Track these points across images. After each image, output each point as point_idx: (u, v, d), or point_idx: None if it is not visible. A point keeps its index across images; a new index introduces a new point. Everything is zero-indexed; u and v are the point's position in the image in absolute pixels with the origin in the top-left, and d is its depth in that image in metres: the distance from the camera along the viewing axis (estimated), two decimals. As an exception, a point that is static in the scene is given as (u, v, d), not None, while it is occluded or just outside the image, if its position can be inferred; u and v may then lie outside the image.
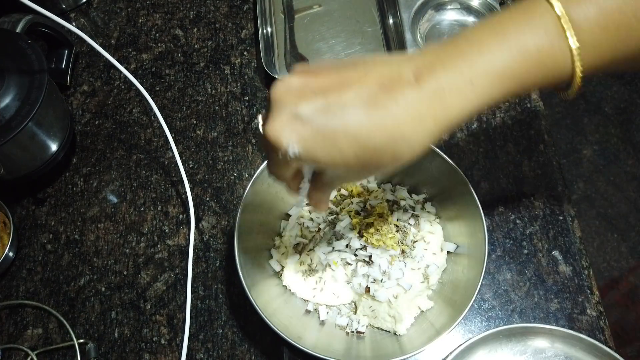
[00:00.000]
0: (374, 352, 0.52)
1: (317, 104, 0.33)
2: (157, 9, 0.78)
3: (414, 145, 0.34)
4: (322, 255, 0.56)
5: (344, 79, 0.34)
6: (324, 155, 0.34)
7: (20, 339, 0.58)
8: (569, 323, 0.56)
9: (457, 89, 0.33)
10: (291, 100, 0.34)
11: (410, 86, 0.33)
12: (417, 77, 0.33)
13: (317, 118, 0.33)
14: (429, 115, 0.33)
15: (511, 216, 0.61)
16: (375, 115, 0.33)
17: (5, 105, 0.55)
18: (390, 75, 0.34)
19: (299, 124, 0.34)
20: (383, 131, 0.33)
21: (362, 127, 0.33)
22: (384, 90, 0.33)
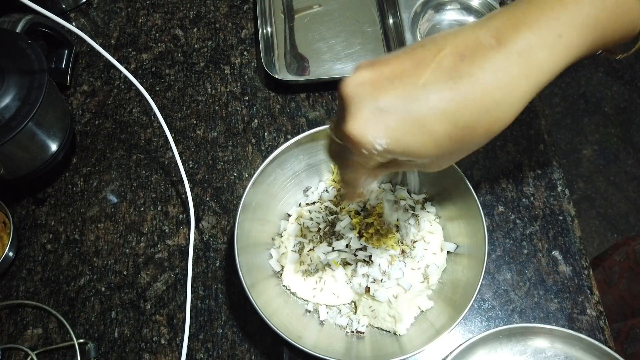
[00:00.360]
0: (374, 352, 0.52)
1: (397, 91, 0.32)
2: (157, 9, 0.78)
3: (509, 111, 0.32)
4: (322, 255, 0.56)
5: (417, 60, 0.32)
6: (415, 143, 0.32)
7: (20, 339, 0.58)
8: (569, 323, 0.56)
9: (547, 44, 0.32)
10: (368, 93, 0.32)
11: (493, 50, 0.31)
12: (499, 39, 0.32)
13: (400, 106, 0.31)
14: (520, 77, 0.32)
15: (511, 216, 0.61)
16: (461, 87, 0.31)
17: (5, 105, 0.55)
18: (467, 43, 0.32)
19: (383, 116, 0.32)
20: (473, 102, 0.31)
21: (450, 103, 0.31)
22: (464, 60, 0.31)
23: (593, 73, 1.79)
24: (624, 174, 1.65)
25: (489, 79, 0.31)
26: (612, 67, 1.79)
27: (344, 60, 0.72)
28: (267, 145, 0.67)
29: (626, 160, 1.67)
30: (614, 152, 1.68)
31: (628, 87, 1.76)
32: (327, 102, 0.69)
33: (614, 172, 1.65)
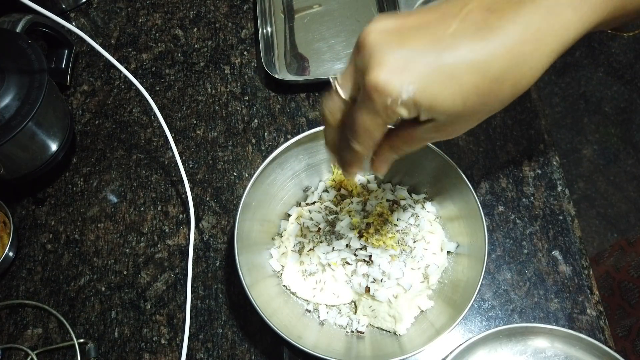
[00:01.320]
0: (374, 352, 0.52)
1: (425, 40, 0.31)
2: (157, 9, 0.78)
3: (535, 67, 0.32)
4: (322, 255, 0.56)
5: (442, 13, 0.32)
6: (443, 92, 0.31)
7: (20, 339, 0.58)
8: (569, 323, 0.56)
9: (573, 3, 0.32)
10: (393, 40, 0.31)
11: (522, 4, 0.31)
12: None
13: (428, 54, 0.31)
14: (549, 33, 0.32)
15: (511, 216, 0.61)
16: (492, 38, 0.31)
17: (5, 105, 0.55)
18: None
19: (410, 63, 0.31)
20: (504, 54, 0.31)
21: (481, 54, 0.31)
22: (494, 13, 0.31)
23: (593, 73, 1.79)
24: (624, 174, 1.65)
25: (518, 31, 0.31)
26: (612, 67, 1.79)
27: (344, 60, 0.72)
28: (267, 145, 0.67)
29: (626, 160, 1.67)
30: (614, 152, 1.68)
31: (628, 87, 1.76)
32: (327, 102, 0.69)
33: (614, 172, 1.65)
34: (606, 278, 0.78)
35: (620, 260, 0.78)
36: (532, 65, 0.32)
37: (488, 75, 0.31)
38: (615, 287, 0.76)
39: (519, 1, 0.32)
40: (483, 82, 0.31)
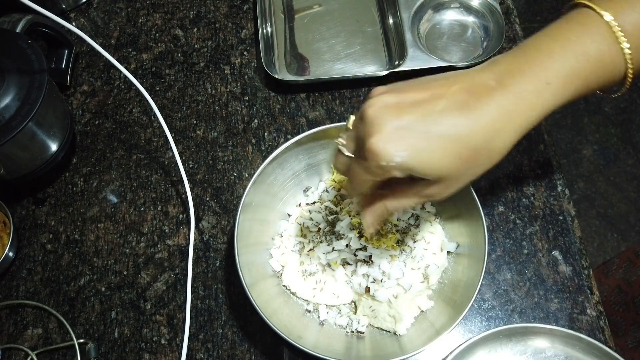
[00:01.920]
0: (374, 352, 0.52)
1: (417, 115, 0.37)
2: (157, 9, 0.78)
3: (506, 141, 0.38)
4: (322, 255, 0.56)
5: (433, 92, 0.38)
6: (430, 158, 0.37)
7: (20, 339, 0.58)
8: (569, 323, 0.56)
9: (537, 90, 0.38)
10: (391, 114, 0.37)
11: (495, 90, 0.38)
12: (499, 82, 0.38)
13: (419, 127, 0.37)
14: (516, 114, 0.38)
15: (511, 216, 0.61)
16: (471, 116, 0.37)
17: (5, 105, 0.55)
18: (474, 83, 0.38)
19: (403, 133, 0.37)
20: (480, 129, 0.37)
21: (463, 128, 0.37)
22: (472, 96, 0.38)
23: (593, 73, 1.78)
24: (624, 174, 1.65)
25: (492, 112, 0.37)
26: (612, 67, 1.79)
27: (344, 60, 0.72)
28: (267, 145, 0.67)
29: (626, 160, 1.67)
30: (614, 152, 1.68)
31: (628, 87, 1.76)
32: (327, 102, 0.69)
33: (614, 172, 1.65)
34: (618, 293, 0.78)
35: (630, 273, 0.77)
36: (503, 139, 0.38)
37: (468, 145, 0.37)
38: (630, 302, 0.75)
39: (493, 87, 0.38)
40: (465, 150, 0.37)
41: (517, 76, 0.38)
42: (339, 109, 0.69)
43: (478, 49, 0.72)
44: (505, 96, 0.38)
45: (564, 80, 0.38)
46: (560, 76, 0.38)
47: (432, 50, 0.71)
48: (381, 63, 0.72)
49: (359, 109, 0.40)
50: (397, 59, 0.71)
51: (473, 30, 0.73)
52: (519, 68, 0.39)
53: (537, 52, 0.39)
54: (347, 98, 0.69)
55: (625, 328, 0.75)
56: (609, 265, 0.84)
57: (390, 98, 0.38)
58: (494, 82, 0.38)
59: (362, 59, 0.72)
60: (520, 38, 0.73)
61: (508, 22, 0.73)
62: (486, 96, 0.38)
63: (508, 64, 0.39)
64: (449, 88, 0.38)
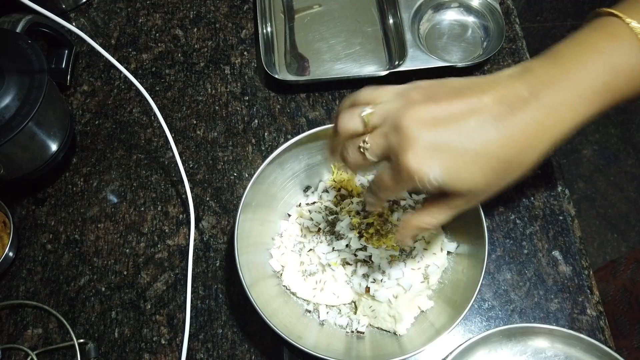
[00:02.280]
0: (374, 352, 0.52)
1: (451, 131, 0.37)
2: (157, 9, 0.78)
3: (537, 153, 0.38)
4: (322, 255, 0.56)
5: (466, 104, 0.38)
6: (463, 175, 0.38)
7: (20, 339, 0.58)
8: (569, 323, 0.56)
9: (570, 102, 0.38)
10: (425, 129, 0.37)
11: (528, 103, 0.37)
12: (533, 94, 0.38)
13: (454, 143, 0.37)
14: (548, 127, 0.38)
15: (511, 216, 0.61)
16: (504, 130, 0.37)
17: (5, 105, 0.55)
18: (507, 93, 0.38)
19: (438, 151, 0.37)
20: (513, 143, 0.37)
21: (496, 142, 0.37)
22: (506, 109, 0.37)
23: (593, 73, 1.78)
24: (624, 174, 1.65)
25: (525, 126, 0.37)
26: (612, 67, 1.79)
27: (344, 60, 0.72)
28: (267, 145, 0.67)
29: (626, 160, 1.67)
30: (614, 152, 1.68)
31: (628, 87, 1.76)
32: (327, 102, 0.69)
33: (614, 172, 1.65)
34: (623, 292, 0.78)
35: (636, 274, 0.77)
36: (535, 151, 0.38)
37: (501, 158, 0.38)
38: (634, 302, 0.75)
39: (526, 98, 0.37)
40: (498, 164, 0.38)
41: (550, 88, 0.38)
42: (339, 109, 0.69)
43: (478, 49, 0.72)
44: (538, 109, 0.37)
45: (595, 94, 0.38)
46: (592, 90, 0.38)
47: (432, 50, 0.71)
48: (381, 63, 0.72)
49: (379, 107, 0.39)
50: (397, 59, 0.71)
51: (473, 30, 0.73)
52: (552, 79, 0.38)
53: (569, 63, 0.39)
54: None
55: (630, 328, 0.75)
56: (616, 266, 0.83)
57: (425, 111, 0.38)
58: (527, 93, 0.38)
59: (362, 59, 0.72)
60: (520, 38, 0.73)
61: (508, 22, 0.73)
62: (520, 108, 0.37)
63: (541, 74, 0.39)
64: (482, 99, 0.38)
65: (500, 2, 0.73)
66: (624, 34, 0.39)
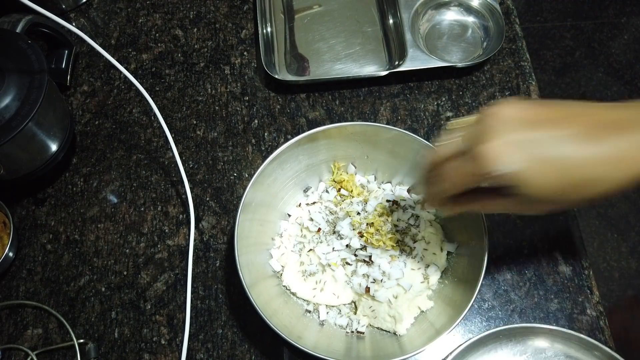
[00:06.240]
0: (374, 352, 0.52)
1: (540, 134, 0.37)
2: (157, 9, 0.78)
3: (615, 182, 0.38)
4: (322, 256, 0.56)
5: (562, 114, 0.38)
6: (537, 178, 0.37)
7: (20, 339, 0.58)
8: (569, 323, 0.56)
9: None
10: (512, 126, 0.37)
11: (624, 131, 0.37)
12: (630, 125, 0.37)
13: (540, 144, 0.37)
14: (633, 160, 0.37)
15: (511, 216, 0.61)
16: (590, 148, 0.37)
17: (5, 105, 0.55)
18: (606, 117, 0.38)
19: (518, 148, 0.37)
20: (596, 162, 0.37)
21: (577, 157, 0.37)
22: (601, 129, 0.37)
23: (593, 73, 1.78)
24: (624, 174, 1.64)
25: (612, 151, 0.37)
26: (612, 67, 1.79)
27: (344, 60, 0.72)
28: (267, 145, 0.67)
29: (626, 160, 1.66)
30: (614, 152, 1.67)
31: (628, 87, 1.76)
32: (327, 102, 0.69)
33: (614, 172, 1.65)
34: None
35: None
36: (613, 180, 0.38)
37: (574, 176, 0.37)
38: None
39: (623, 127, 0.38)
40: (573, 178, 0.37)
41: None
42: (339, 109, 0.69)
43: (478, 49, 0.72)
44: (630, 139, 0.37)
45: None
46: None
47: (432, 50, 0.71)
48: (381, 63, 0.72)
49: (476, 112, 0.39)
50: (397, 59, 0.71)
51: (473, 30, 0.73)
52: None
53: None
54: (347, 98, 0.70)
55: None
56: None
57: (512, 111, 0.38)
58: (626, 122, 0.38)
59: (362, 59, 0.72)
60: (520, 38, 0.73)
61: (508, 22, 0.73)
62: (614, 133, 0.37)
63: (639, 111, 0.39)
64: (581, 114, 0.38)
65: (500, 2, 0.73)
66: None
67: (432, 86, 0.70)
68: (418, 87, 0.70)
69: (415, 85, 0.70)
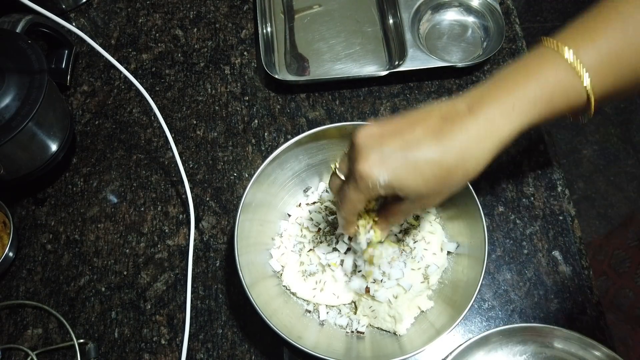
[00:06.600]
0: (374, 352, 0.52)
1: (397, 142, 0.42)
2: (157, 9, 0.78)
3: (479, 160, 0.43)
4: (322, 256, 0.56)
5: (412, 120, 0.44)
6: (408, 179, 0.42)
7: (20, 339, 0.58)
8: (569, 323, 0.56)
9: (503, 113, 0.42)
10: (375, 142, 0.43)
11: (466, 116, 0.42)
12: (470, 108, 0.43)
13: (400, 152, 0.42)
14: (486, 136, 0.42)
15: (511, 216, 0.61)
16: (444, 141, 0.42)
17: (5, 105, 0.55)
18: (448, 110, 0.43)
19: (386, 159, 0.42)
20: (453, 152, 0.42)
21: (437, 152, 0.42)
22: (446, 122, 0.42)
23: (593, 73, 1.78)
24: (624, 174, 1.64)
25: (464, 136, 0.42)
26: (612, 67, 1.79)
27: (344, 60, 0.72)
28: (267, 145, 0.67)
29: (626, 160, 1.67)
30: (614, 152, 1.68)
31: (628, 87, 1.76)
32: (327, 102, 0.69)
33: (614, 172, 1.65)
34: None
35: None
36: (476, 158, 0.43)
37: (443, 167, 0.42)
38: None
39: (464, 113, 0.43)
40: (439, 171, 0.42)
41: (485, 102, 0.43)
42: (339, 109, 0.69)
43: (478, 49, 0.72)
44: (475, 121, 0.42)
45: (528, 105, 0.43)
46: (524, 101, 0.42)
47: (432, 50, 0.71)
48: (381, 63, 0.72)
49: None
50: (397, 59, 0.71)
51: (473, 30, 0.73)
52: (487, 95, 0.43)
53: (503, 81, 0.44)
54: (347, 98, 0.69)
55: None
56: None
57: (375, 129, 0.44)
58: (465, 109, 0.43)
59: (362, 59, 0.72)
60: (520, 38, 0.73)
61: (508, 22, 0.73)
62: (458, 122, 0.42)
63: (479, 92, 0.44)
64: (427, 116, 0.43)
65: (500, 2, 0.73)
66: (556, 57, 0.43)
67: (432, 86, 0.70)
68: (418, 87, 0.70)
69: (415, 85, 0.70)
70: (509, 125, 0.43)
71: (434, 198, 0.46)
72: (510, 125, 0.43)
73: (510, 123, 0.42)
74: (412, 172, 0.42)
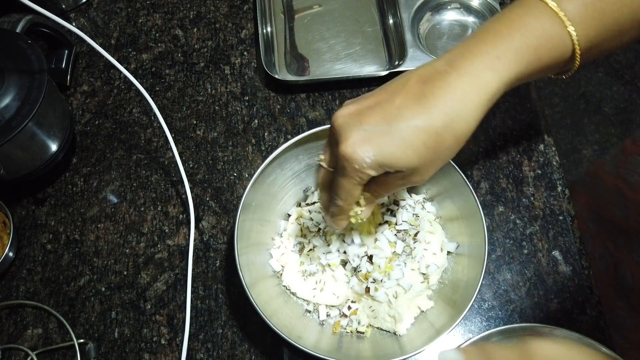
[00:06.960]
0: (374, 352, 0.52)
1: (377, 116, 0.39)
2: (157, 9, 0.78)
3: (469, 119, 0.39)
4: (322, 256, 0.56)
5: (390, 91, 0.40)
6: (397, 152, 0.39)
7: (20, 339, 0.58)
8: (569, 323, 0.56)
9: (488, 66, 0.39)
10: (354, 120, 0.40)
11: (448, 74, 0.39)
12: (451, 65, 0.40)
13: (381, 125, 0.39)
14: (472, 92, 0.39)
15: (511, 216, 0.61)
16: (428, 104, 0.38)
17: (5, 105, 0.55)
18: (427, 71, 0.40)
19: (368, 135, 0.39)
20: (440, 114, 0.38)
21: (422, 118, 0.38)
22: (427, 84, 0.39)
23: (593, 73, 1.78)
24: (624, 174, 1.64)
25: (448, 95, 0.39)
26: (612, 67, 1.79)
27: (344, 60, 0.72)
28: (267, 145, 0.67)
29: (626, 160, 1.66)
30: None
31: (628, 87, 1.76)
32: (327, 102, 0.69)
33: (614, 172, 1.64)
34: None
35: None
36: (465, 118, 0.39)
37: (431, 132, 0.39)
38: None
39: (446, 71, 0.40)
40: (429, 138, 0.39)
41: (467, 57, 0.40)
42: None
43: (478, 49, 0.72)
44: (458, 77, 0.39)
45: (513, 54, 0.40)
46: (509, 50, 0.40)
47: (432, 50, 0.71)
48: (381, 63, 0.72)
49: None
50: (397, 59, 0.71)
51: (473, 30, 0.73)
52: (469, 50, 0.40)
53: (485, 34, 0.41)
54: (347, 98, 0.70)
55: None
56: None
57: (352, 106, 0.41)
58: (446, 67, 0.40)
59: (362, 59, 0.72)
60: (520, 38, 0.73)
61: (508, 22, 0.73)
62: (440, 81, 0.39)
63: (458, 49, 0.41)
64: (405, 82, 0.40)
65: (500, 2, 0.73)
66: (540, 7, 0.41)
67: (432, 86, 0.70)
68: (418, 87, 0.70)
69: (415, 85, 0.70)
70: (496, 78, 0.40)
71: (426, 170, 0.42)
72: (498, 77, 0.40)
73: (497, 75, 0.40)
74: (401, 145, 0.39)
